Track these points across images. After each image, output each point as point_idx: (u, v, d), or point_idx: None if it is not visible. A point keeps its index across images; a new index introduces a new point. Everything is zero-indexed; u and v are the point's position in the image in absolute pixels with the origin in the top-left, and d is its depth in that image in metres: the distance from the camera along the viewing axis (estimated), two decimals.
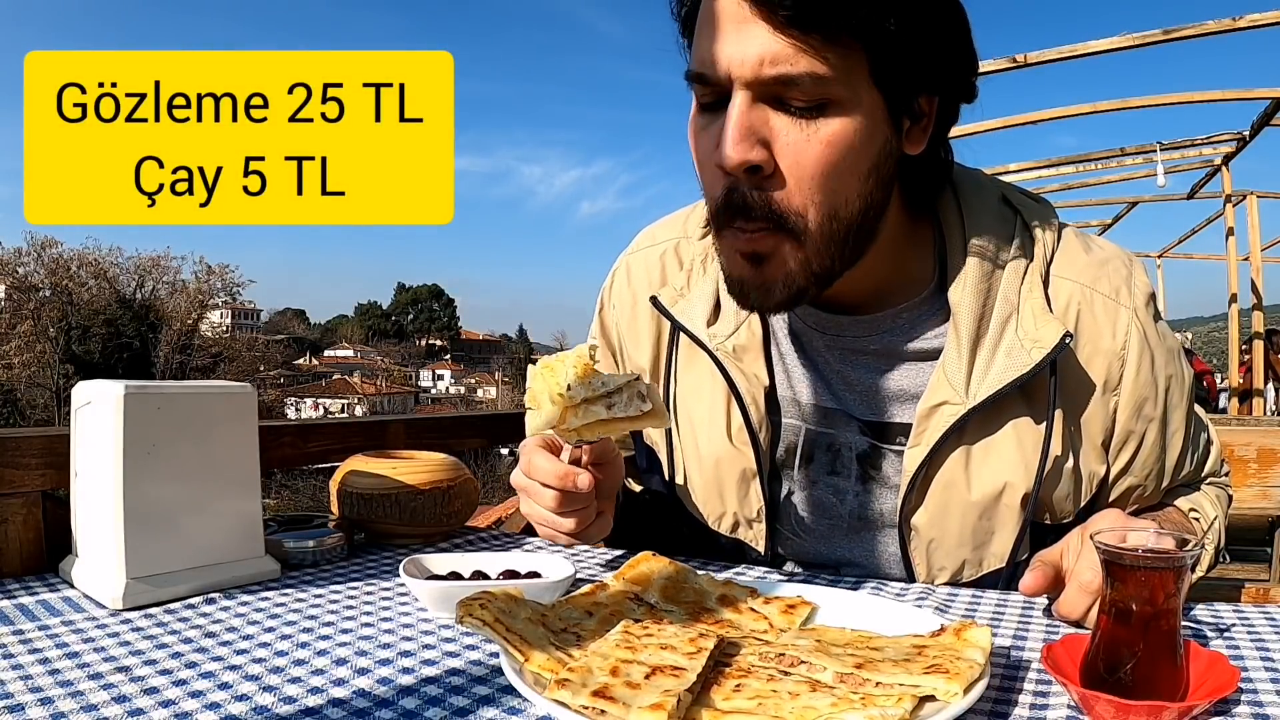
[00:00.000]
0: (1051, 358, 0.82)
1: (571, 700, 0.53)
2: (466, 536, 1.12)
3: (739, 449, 0.95)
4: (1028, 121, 6.22)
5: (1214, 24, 4.37)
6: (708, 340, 0.94)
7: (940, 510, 0.89)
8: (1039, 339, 0.83)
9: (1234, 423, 1.58)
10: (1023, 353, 0.83)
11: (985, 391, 0.84)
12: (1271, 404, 8.16)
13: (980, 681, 0.57)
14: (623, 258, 1.10)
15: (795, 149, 0.74)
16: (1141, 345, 0.87)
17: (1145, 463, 0.91)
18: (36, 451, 0.92)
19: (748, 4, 0.71)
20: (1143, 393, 0.88)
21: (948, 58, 0.78)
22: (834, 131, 0.74)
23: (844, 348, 0.92)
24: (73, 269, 30.25)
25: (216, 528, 0.86)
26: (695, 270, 1.00)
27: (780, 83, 0.72)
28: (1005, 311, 0.86)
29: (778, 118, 0.74)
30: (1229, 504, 1.03)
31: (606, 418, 0.79)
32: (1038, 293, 0.86)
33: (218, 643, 0.70)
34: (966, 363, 0.85)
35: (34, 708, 0.57)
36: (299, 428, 1.30)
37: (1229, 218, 7.56)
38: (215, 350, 32.66)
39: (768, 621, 0.72)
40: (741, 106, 0.73)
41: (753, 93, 0.73)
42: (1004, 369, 0.84)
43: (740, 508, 0.97)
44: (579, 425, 0.79)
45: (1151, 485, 0.94)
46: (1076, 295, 0.87)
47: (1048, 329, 0.83)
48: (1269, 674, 0.64)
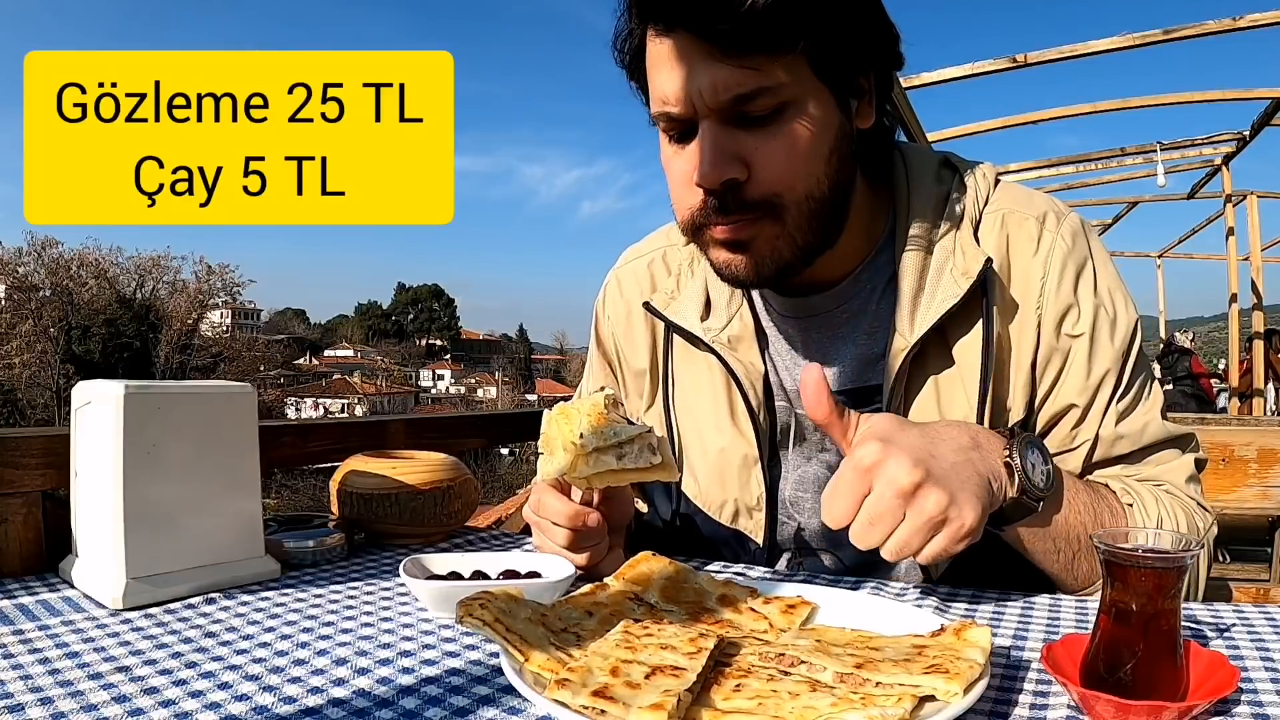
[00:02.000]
0: (979, 282, 0.87)
1: (572, 700, 0.53)
2: (466, 536, 1.12)
3: (741, 435, 0.98)
4: (1028, 121, 6.23)
5: (1214, 24, 4.37)
6: (704, 334, 0.99)
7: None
8: (966, 269, 0.89)
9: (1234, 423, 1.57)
10: (953, 284, 0.89)
11: (924, 325, 0.88)
12: (1271, 404, 8.16)
13: (980, 681, 0.57)
14: (612, 273, 1.16)
15: (764, 153, 0.81)
16: (1064, 261, 0.90)
17: (1069, 390, 0.89)
18: (36, 451, 0.92)
19: (688, 42, 0.79)
20: (1063, 307, 0.90)
21: (874, 36, 0.86)
22: (794, 129, 0.81)
23: (819, 327, 0.97)
24: (73, 269, 30.29)
25: (216, 528, 0.86)
26: (683, 273, 1.06)
27: (737, 102, 0.79)
28: (941, 258, 0.91)
29: (743, 133, 0.81)
30: (1207, 524, 0.88)
31: (617, 468, 0.82)
32: (967, 231, 0.92)
33: (218, 643, 0.70)
34: (909, 309, 0.91)
35: (34, 708, 0.57)
36: (299, 428, 1.31)
37: (1229, 218, 7.57)
38: (215, 350, 32.70)
39: (768, 621, 0.72)
40: (710, 132, 0.81)
41: (715, 118, 0.80)
42: (940, 303, 0.89)
43: (741, 494, 0.99)
44: (589, 474, 0.81)
45: (1075, 420, 0.90)
46: (1002, 222, 0.93)
47: (974, 259, 0.89)
48: (1269, 674, 0.64)
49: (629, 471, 0.82)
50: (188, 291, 32.04)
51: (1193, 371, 8.20)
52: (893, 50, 0.88)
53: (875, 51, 0.87)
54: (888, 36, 0.87)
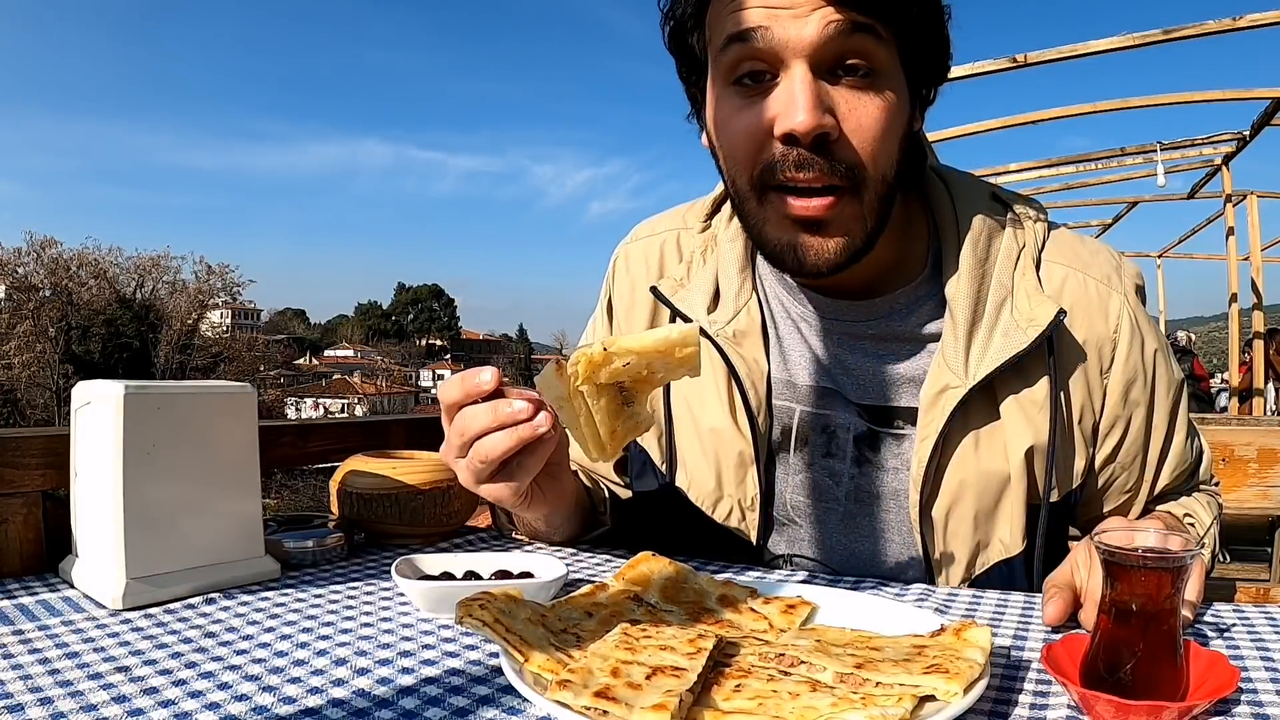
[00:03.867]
0: (1047, 334, 0.86)
1: (573, 701, 0.53)
2: (466, 536, 1.12)
3: (739, 433, 0.96)
4: (1028, 121, 6.23)
5: (1214, 24, 4.37)
6: (708, 326, 0.97)
7: (954, 496, 0.90)
8: (1034, 318, 0.86)
9: (1234, 423, 1.58)
10: (1019, 331, 0.86)
11: (984, 370, 0.86)
12: (1271, 404, 8.16)
13: (980, 681, 0.57)
14: (621, 247, 1.13)
15: (858, 113, 0.78)
16: (1132, 329, 0.91)
17: (1129, 451, 0.93)
18: (36, 451, 0.92)
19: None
20: (1131, 376, 0.91)
21: (943, 45, 0.85)
22: (882, 100, 0.79)
23: (841, 332, 0.95)
24: (72, 269, 30.28)
25: (216, 528, 0.86)
26: (695, 262, 1.03)
27: (840, 54, 0.77)
28: (1000, 295, 0.89)
29: (836, 89, 0.78)
30: (1220, 511, 1.02)
31: (627, 414, 0.74)
32: (1030, 276, 0.90)
33: (217, 643, 0.70)
34: (964, 346, 0.88)
35: (34, 708, 0.57)
36: (299, 428, 1.30)
37: (1229, 217, 7.56)
38: (215, 350, 32.69)
39: (768, 621, 0.72)
40: (805, 77, 0.77)
41: (812, 65, 0.77)
42: (1001, 348, 0.86)
43: (737, 492, 0.98)
44: (618, 366, 0.70)
45: (1133, 478, 0.95)
46: (1070, 278, 0.91)
47: (1042, 308, 0.87)
48: (1269, 674, 0.64)
49: (634, 424, 0.74)
50: (188, 291, 32.03)
51: (1194, 373, 8.21)
52: (946, 68, 0.88)
53: (941, 61, 0.86)
54: (948, 52, 0.87)
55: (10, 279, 28.46)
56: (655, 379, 0.73)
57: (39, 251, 29.18)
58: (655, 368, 0.71)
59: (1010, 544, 0.91)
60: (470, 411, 0.77)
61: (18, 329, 27.23)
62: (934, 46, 0.84)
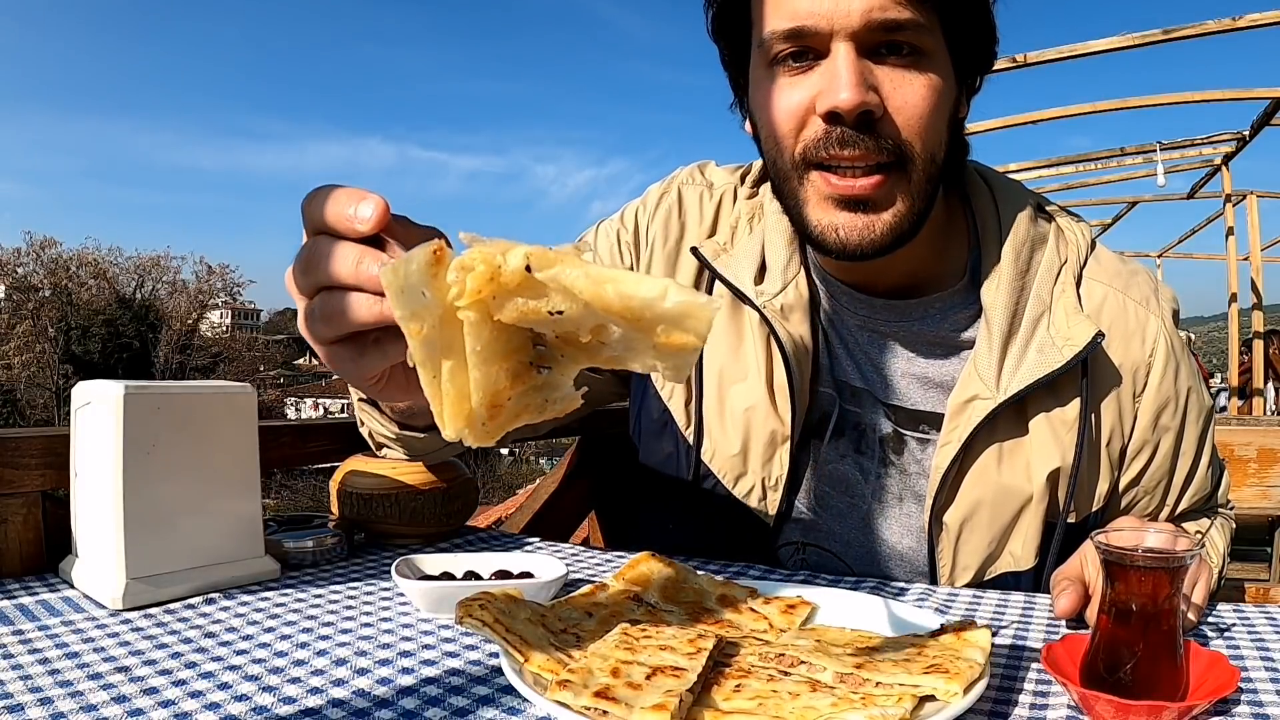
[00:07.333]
0: (1083, 355, 0.84)
1: (574, 701, 0.53)
2: (466, 536, 1.12)
3: (775, 410, 0.93)
4: (1027, 121, 6.23)
5: (1214, 24, 4.37)
6: (755, 297, 0.93)
7: (970, 507, 0.89)
8: (1071, 337, 0.85)
9: (1234, 423, 1.58)
10: (1054, 350, 0.85)
11: (1017, 385, 0.84)
12: (1271, 404, 8.16)
13: (980, 681, 0.57)
14: (674, 184, 1.06)
15: (903, 92, 0.78)
16: (1168, 354, 0.89)
17: (1154, 475, 0.92)
18: (36, 451, 0.92)
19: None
20: (1163, 401, 0.89)
21: (989, 30, 0.84)
22: (931, 77, 0.78)
23: (873, 330, 0.93)
24: (72, 269, 30.27)
25: (216, 528, 0.86)
26: (741, 228, 0.99)
27: (886, 29, 0.76)
28: (1038, 309, 0.87)
29: (880, 67, 0.78)
30: (1232, 534, 1.02)
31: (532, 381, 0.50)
32: (1070, 292, 0.88)
33: (217, 643, 0.70)
34: (998, 358, 0.86)
35: (34, 708, 0.57)
36: (299, 428, 1.30)
37: (1229, 217, 7.56)
38: (215, 350, 32.67)
39: (767, 621, 0.72)
40: (850, 55, 0.76)
41: (856, 44, 0.76)
42: (1035, 364, 0.85)
43: (763, 471, 0.95)
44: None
45: (1156, 500, 0.94)
46: (1109, 299, 0.90)
47: (1080, 328, 0.85)
48: (1269, 674, 0.64)
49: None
50: (187, 292, 32.02)
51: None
52: (993, 55, 0.86)
53: (987, 47, 0.85)
54: (993, 39, 0.85)
55: (10, 279, 28.46)
56: (601, 352, 0.48)
57: (39, 251, 29.18)
58: (609, 336, 0.47)
59: (1022, 558, 0.90)
60: (328, 249, 0.51)
61: (17, 329, 27.22)
62: (980, 31, 0.83)
